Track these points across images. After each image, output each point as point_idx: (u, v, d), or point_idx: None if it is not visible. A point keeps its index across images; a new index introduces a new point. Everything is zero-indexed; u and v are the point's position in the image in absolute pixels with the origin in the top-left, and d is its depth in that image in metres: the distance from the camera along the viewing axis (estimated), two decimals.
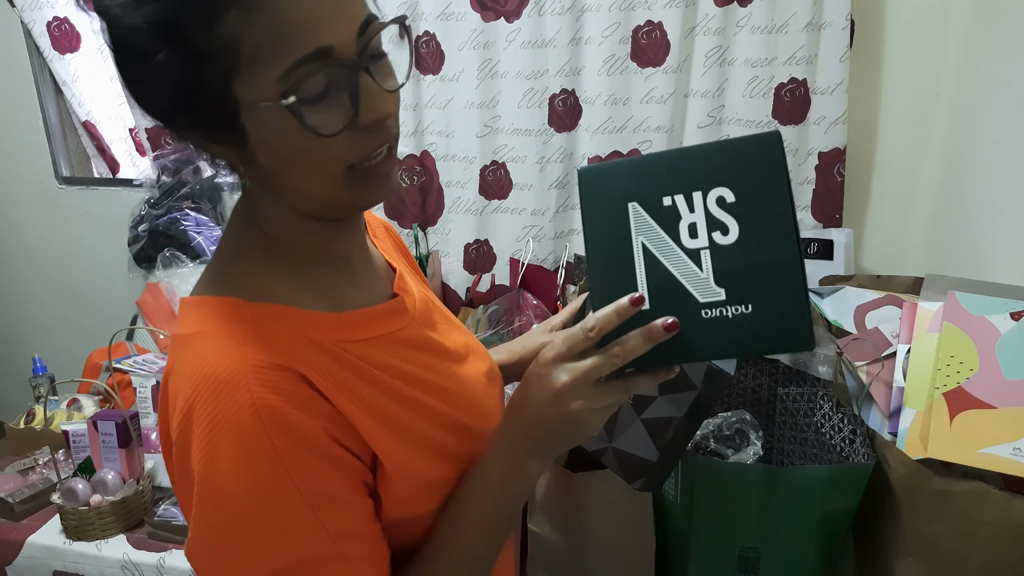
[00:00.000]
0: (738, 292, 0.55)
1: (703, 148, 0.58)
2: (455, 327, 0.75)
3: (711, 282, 0.56)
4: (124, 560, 1.28)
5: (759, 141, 0.57)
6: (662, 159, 0.58)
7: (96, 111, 2.17)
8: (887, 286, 1.18)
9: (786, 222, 0.55)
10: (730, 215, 0.56)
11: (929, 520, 0.84)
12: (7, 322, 2.40)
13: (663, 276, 0.56)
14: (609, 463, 0.76)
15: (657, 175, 0.58)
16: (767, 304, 0.55)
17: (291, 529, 0.52)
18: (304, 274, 0.60)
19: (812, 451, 1.09)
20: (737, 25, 1.57)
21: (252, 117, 0.52)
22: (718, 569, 0.96)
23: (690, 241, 0.56)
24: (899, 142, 1.60)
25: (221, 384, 0.51)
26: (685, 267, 0.56)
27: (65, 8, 2.04)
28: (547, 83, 1.70)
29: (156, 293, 1.95)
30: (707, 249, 0.56)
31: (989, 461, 0.79)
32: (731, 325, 0.55)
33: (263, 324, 0.55)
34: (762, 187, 0.56)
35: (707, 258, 0.56)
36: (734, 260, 0.55)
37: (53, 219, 2.24)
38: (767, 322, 0.54)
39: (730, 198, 0.56)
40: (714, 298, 0.55)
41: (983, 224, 1.32)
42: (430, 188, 1.87)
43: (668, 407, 0.72)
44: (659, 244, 0.57)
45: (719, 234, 0.56)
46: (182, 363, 0.55)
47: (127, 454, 1.35)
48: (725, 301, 0.55)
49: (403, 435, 0.59)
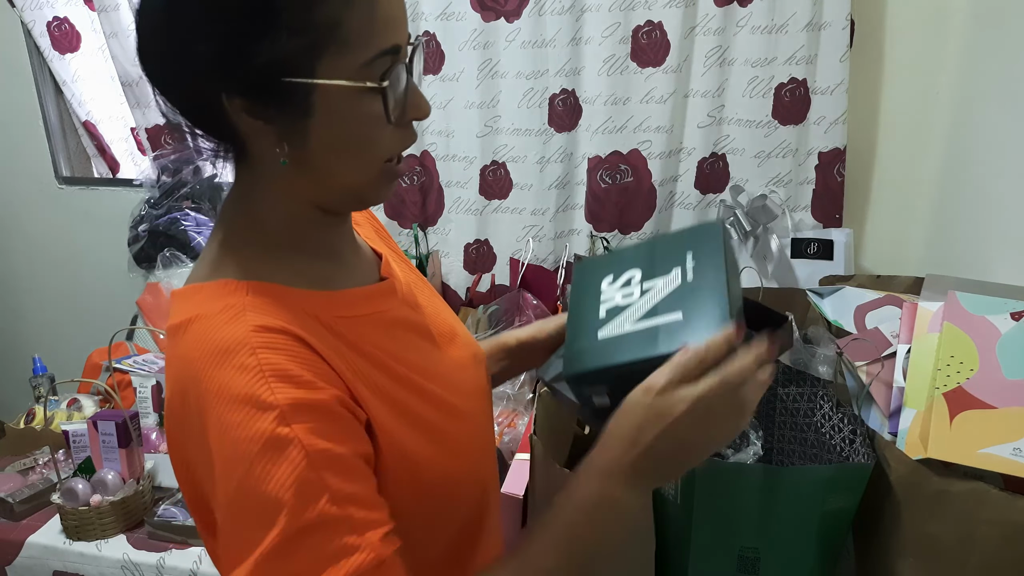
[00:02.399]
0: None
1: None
2: (441, 310, 0.77)
3: None
4: (124, 560, 1.28)
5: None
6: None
7: (96, 111, 2.17)
8: (887, 286, 1.18)
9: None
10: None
11: (929, 520, 0.84)
12: (7, 322, 2.40)
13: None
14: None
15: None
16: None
17: (297, 491, 0.50)
18: (297, 262, 0.61)
19: (812, 451, 1.09)
20: (737, 25, 1.57)
21: (326, 96, 0.54)
22: (718, 569, 0.96)
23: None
24: (899, 142, 1.60)
25: (224, 352, 0.52)
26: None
27: (65, 8, 2.04)
28: (547, 83, 1.70)
29: (156, 293, 1.95)
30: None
31: (989, 461, 0.79)
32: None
33: (260, 298, 0.56)
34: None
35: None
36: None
37: (53, 219, 2.24)
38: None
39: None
40: None
41: (983, 224, 1.32)
42: (430, 188, 1.87)
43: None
44: None
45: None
46: (181, 347, 0.55)
47: (127, 454, 1.35)
48: None
49: (395, 409, 0.60)
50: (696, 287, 0.64)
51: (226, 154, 0.60)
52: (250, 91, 0.53)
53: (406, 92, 0.57)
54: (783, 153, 1.62)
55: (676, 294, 0.65)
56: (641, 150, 1.70)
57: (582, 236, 1.80)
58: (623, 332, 0.64)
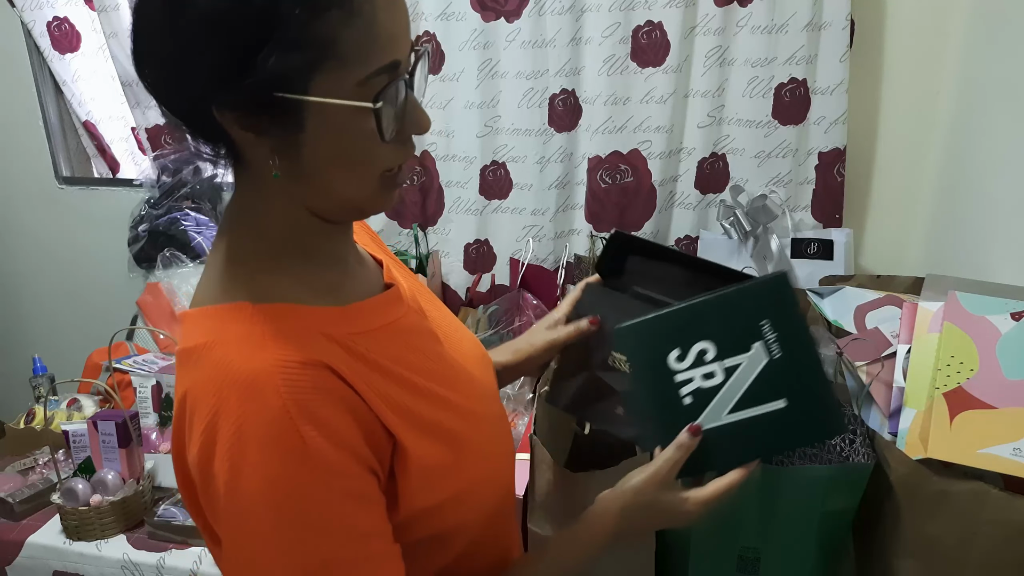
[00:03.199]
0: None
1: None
2: (445, 314, 0.77)
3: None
4: (124, 560, 1.28)
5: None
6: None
7: (96, 111, 2.16)
8: (887, 286, 1.18)
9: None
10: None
11: (929, 520, 0.84)
12: (7, 322, 2.40)
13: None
14: (642, 447, 0.78)
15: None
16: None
17: (321, 530, 0.52)
18: (305, 272, 0.61)
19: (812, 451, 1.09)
20: (737, 25, 1.57)
21: (319, 112, 0.53)
22: (718, 569, 0.96)
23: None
24: (899, 142, 1.60)
25: (248, 388, 0.51)
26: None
27: (65, 8, 2.04)
28: (547, 83, 1.70)
29: (156, 293, 1.95)
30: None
31: (989, 461, 0.79)
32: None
33: (278, 323, 0.55)
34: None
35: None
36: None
37: (53, 219, 2.24)
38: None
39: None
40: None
41: (983, 224, 1.32)
42: (430, 188, 1.87)
43: None
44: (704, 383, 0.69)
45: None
46: (200, 376, 0.54)
47: (127, 454, 1.35)
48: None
49: (419, 425, 0.60)
50: (787, 365, 0.66)
51: (225, 161, 0.59)
52: (241, 104, 0.52)
53: (404, 108, 0.57)
54: (783, 153, 1.62)
55: (767, 374, 0.66)
56: (641, 150, 1.70)
57: (582, 236, 1.80)
58: (723, 423, 0.67)
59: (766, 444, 0.69)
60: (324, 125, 0.54)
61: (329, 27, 0.50)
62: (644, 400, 0.70)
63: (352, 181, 0.58)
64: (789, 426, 0.68)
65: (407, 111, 0.57)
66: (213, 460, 0.52)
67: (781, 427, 0.68)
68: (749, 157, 1.66)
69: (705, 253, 1.70)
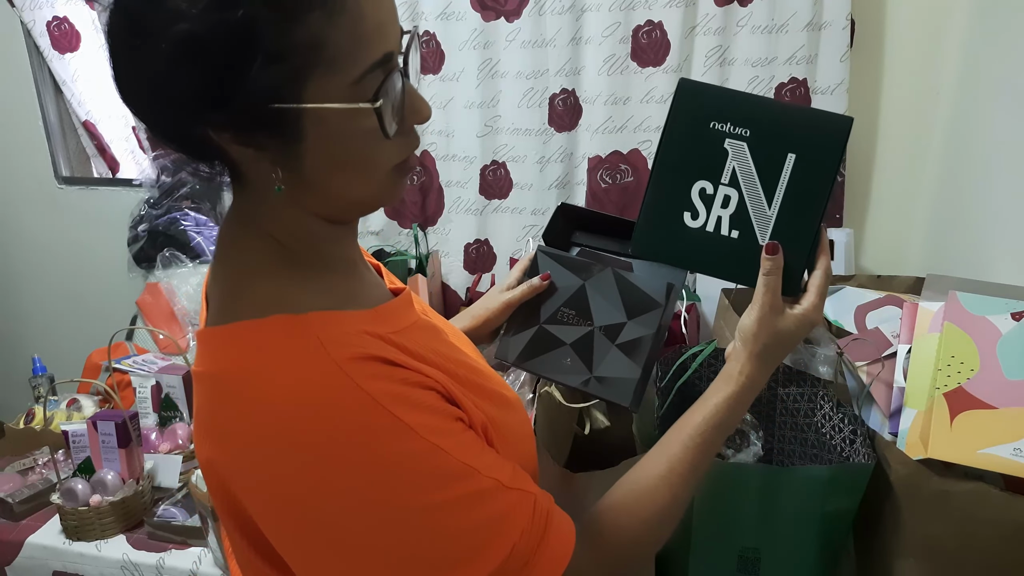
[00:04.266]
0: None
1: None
2: (436, 312, 0.78)
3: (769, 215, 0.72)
4: (124, 560, 1.28)
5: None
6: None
7: (96, 111, 2.16)
8: (887, 286, 1.18)
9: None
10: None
11: (929, 520, 0.83)
12: (7, 322, 2.40)
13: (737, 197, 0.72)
14: (595, 391, 0.79)
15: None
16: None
17: (447, 476, 0.52)
18: (326, 281, 0.60)
19: (812, 451, 1.09)
20: (737, 25, 1.57)
21: (317, 119, 0.51)
22: (718, 569, 0.96)
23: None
24: (899, 142, 1.60)
25: (323, 395, 0.50)
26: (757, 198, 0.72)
27: (65, 7, 2.04)
28: (547, 83, 1.70)
29: (156, 293, 1.95)
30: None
31: (990, 461, 0.79)
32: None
33: (325, 329, 0.53)
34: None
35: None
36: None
37: (53, 219, 2.24)
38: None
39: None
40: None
41: (983, 224, 1.32)
42: (430, 188, 1.87)
43: (639, 328, 0.78)
44: (745, 172, 0.71)
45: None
46: (251, 398, 0.51)
47: (127, 454, 1.34)
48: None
49: (468, 409, 0.60)
50: (763, 132, 0.70)
51: (222, 177, 0.57)
52: (235, 123, 0.50)
53: (403, 99, 0.55)
54: None
55: (757, 153, 0.70)
56: (641, 150, 1.70)
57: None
58: (773, 220, 0.70)
59: (809, 195, 0.72)
60: (324, 131, 0.51)
61: (313, 30, 0.47)
62: (712, 270, 0.74)
63: (360, 182, 0.56)
64: (813, 163, 0.71)
65: (407, 102, 0.55)
66: (299, 481, 0.50)
67: (808, 171, 0.71)
68: None
69: None
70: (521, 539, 0.54)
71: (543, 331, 0.81)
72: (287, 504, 0.51)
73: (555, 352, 0.80)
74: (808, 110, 0.74)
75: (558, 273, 0.82)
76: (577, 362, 0.78)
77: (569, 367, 0.79)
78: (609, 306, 0.79)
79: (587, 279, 0.80)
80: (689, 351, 1.10)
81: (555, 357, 0.80)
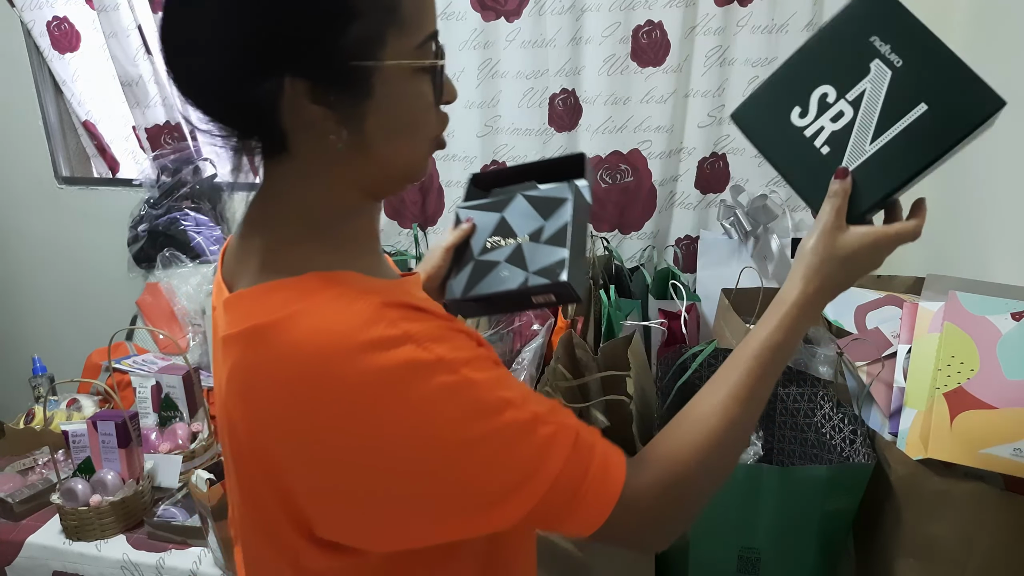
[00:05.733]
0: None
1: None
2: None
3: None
4: (124, 560, 1.28)
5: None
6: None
7: (96, 110, 2.16)
8: (887, 286, 1.18)
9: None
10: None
11: (929, 520, 0.84)
12: (7, 322, 2.40)
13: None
14: (535, 284, 0.81)
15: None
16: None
17: (486, 409, 0.53)
18: (355, 255, 0.61)
19: (812, 451, 1.09)
20: (737, 25, 1.57)
21: (385, 79, 0.55)
22: (718, 569, 0.96)
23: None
24: None
25: (364, 335, 0.51)
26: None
27: (65, 7, 2.04)
28: (547, 83, 1.70)
29: (156, 293, 1.95)
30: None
31: (990, 461, 0.79)
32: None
33: (359, 284, 0.56)
34: None
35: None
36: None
37: (53, 219, 2.24)
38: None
39: None
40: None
41: (983, 224, 1.32)
42: (430, 188, 1.87)
43: (557, 222, 0.81)
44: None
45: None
46: (293, 341, 0.51)
47: (127, 454, 1.34)
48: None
49: None
50: (913, 68, 0.66)
51: (259, 150, 0.58)
52: (317, 75, 0.52)
53: (443, 74, 0.60)
54: None
55: (896, 86, 0.66)
56: (641, 150, 1.70)
57: None
58: (868, 154, 0.67)
59: (913, 152, 0.69)
60: (389, 92, 0.55)
61: None
62: (786, 170, 0.71)
63: (410, 147, 0.60)
64: (937, 125, 0.69)
65: (446, 77, 0.60)
66: (353, 412, 0.51)
67: (928, 130, 0.68)
68: (749, 157, 1.66)
69: (705, 253, 1.69)
70: (565, 470, 0.54)
71: (479, 263, 0.85)
72: (331, 443, 0.52)
73: (493, 272, 0.83)
74: (975, 76, 0.72)
75: (480, 217, 0.87)
76: (513, 269, 0.81)
77: (508, 277, 0.82)
78: (527, 220, 0.83)
79: (503, 210, 0.85)
80: (689, 351, 1.10)
81: (494, 275, 0.83)
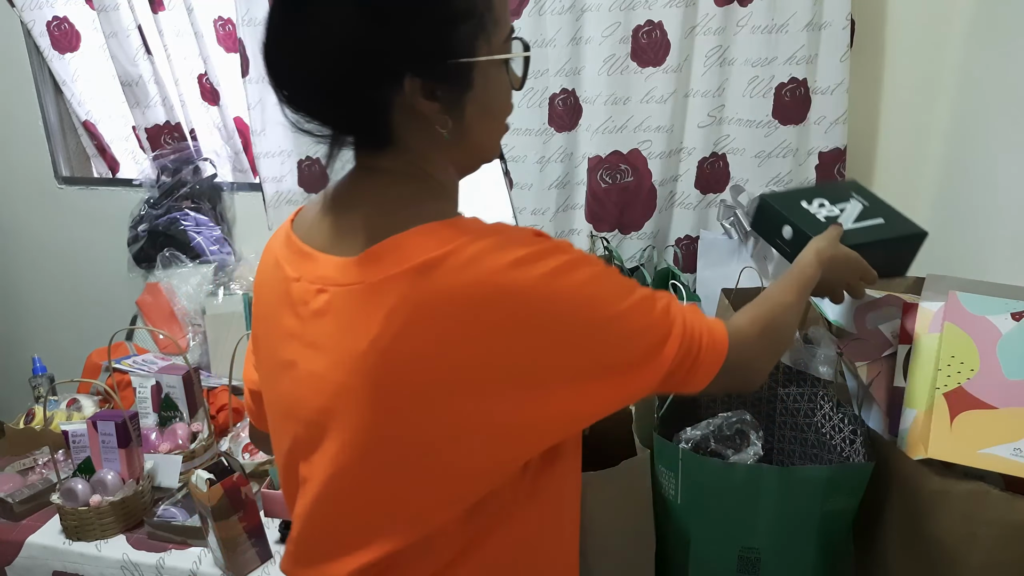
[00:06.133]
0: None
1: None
2: None
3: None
4: (124, 560, 1.28)
5: None
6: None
7: (96, 111, 2.16)
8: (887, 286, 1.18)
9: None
10: None
11: (929, 520, 0.83)
12: (7, 322, 2.40)
13: None
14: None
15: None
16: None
17: (623, 290, 0.62)
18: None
19: (812, 451, 1.09)
20: (737, 25, 1.57)
21: (483, 71, 0.61)
22: (718, 569, 0.96)
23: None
24: (899, 142, 1.60)
25: (529, 250, 0.57)
26: None
27: (65, 7, 2.04)
28: (547, 83, 1.70)
29: (156, 293, 1.95)
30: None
31: (990, 461, 0.79)
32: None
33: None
34: None
35: None
36: None
37: (53, 219, 2.24)
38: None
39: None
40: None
41: (983, 224, 1.32)
42: None
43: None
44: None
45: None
46: (467, 269, 0.56)
47: (127, 454, 1.34)
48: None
49: None
50: (875, 209, 1.02)
51: (362, 146, 0.63)
52: (432, 73, 0.58)
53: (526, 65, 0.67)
54: (783, 153, 1.62)
55: (865, 212, 1.01)
56: (641, 150, 1.70)
57: (582, 236, 1.79)
58: (852, 227, 0.98)
59: (879, 235, 0.98)
60: (485, 82, 0.62)
61: None
62: (801, 225, 0.98)
63: (494, 131, 0.69)
64: (888, 229, 0.99)
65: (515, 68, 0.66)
66: (543, 310, 0.57)
67: (883, 230, 0.99)
68: (749, 157, 1.66)
69: (705, 253, 1.69)
70: (687, 327, 0.65)
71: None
72: (525, 338, 0.57)
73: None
74: (907, 218, 1.03)
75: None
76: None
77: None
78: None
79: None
80: None
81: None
